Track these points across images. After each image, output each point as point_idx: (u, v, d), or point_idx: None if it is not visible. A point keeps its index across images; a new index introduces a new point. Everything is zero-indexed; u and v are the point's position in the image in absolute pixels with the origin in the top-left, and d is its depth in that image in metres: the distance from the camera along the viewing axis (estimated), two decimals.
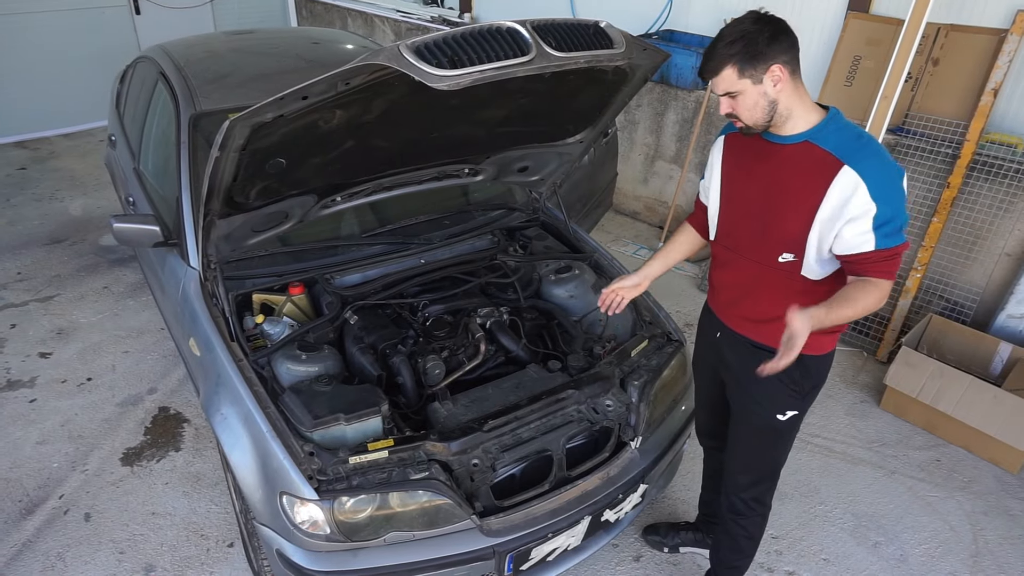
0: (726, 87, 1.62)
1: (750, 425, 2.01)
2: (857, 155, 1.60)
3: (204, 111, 2.69)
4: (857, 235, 1.61)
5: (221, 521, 2.66)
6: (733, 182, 1.85)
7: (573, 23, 1.76)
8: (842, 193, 1.59)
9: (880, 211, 1.58)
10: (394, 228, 2.79)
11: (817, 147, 1.65)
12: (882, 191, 1.58)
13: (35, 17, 5.96)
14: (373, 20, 6.79)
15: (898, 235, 1.62)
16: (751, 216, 1.79)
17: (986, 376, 3.25)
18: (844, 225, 1.61)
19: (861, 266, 1.65)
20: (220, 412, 2.03)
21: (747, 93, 1.62)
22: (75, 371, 3.41)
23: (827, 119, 1.67)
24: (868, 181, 1.57)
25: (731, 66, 1.59)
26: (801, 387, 1.89)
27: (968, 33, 3.41)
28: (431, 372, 2.26)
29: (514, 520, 1.94)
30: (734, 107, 1.66)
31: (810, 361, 1.84)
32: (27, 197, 5.18)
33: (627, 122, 5.04)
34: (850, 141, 1.63)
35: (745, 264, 1.84)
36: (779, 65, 1.58)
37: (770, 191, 1.73)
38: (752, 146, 1.77)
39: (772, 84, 1.60)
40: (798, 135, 1.67)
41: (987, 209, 3.43)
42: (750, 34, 1.57)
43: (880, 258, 1.63)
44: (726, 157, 1.88)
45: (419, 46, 1.55)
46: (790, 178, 1.69)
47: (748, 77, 1.60)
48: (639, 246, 4.88)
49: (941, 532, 2.76)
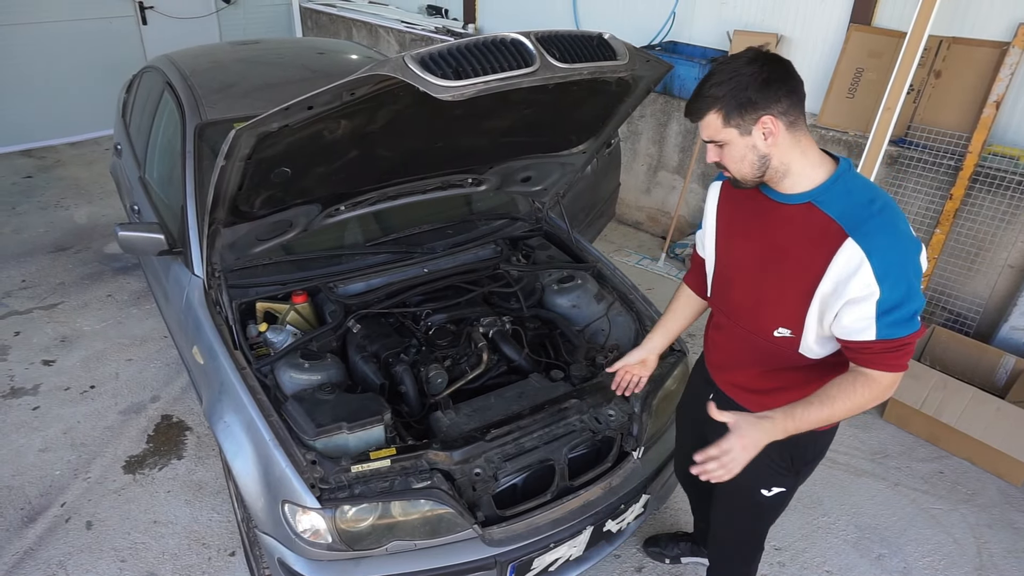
0: (710, 134, 1.43)
1: (730, 496, 1.89)
2: (864, 227, 1.36)
3: (210, 120, 2.71)
4: (857, 320, 1.39)
5: (223, 530, 2.66)
6: (727, 238, 1.67)
7: (577, 35, 1.76)
8: (844, 269, 1.37)
9: (885, 296, 1.35)
10: (398, 237, 2.79)
11: (820, 211, 1.42)
12: (889, 271, 1.34)
13: (42, 27, 6.00)
14: (377, 31, 6.83)
15: (908, 324, 1.38)
16: (744, 282, 1.59)
17: (989, 388, 3.24)
18: (844, 307, 1.40)
19: (860, 356, 1.44)
20: (223, 420, 2.03)
21: (734, 144, 1.42)
22: (78, 379, 3.42)
23: (834, 177, 1.43)
24: (873, 259, 1.34)
25: (715, 111, 1.39)
26: (793, 464, 1.73)
27: (970, 46, 3.43)
28: (434, 381, 2.26)
29: (516, 530, 1.93)
30: (721, 157, 1.47)
31: (806, 439, 1.62)
32: (33, 205, 5.21)
33: (630, 133, 5.06)
34: (858, 208, 1.39)
35: (739, 332, 1.65)
36: (771, 117, 1.37)
37: (766, 256, 1.53)
38: (752, 199, 1.56)
39: (763, 138, 1.39)
40: (799, 195, 1.46)
41: (990, 221, 3.43)
42: (740, 77, 1.35)
43: (882, 349, 1.40)
44: (721, 207, 1.69)
45: (424, 57, 1.56)
46: (788, 245, 1.48)
47: (734, 127, 1.39)
48: (642, 256, 4.88)
49: (945, 545, 2.75)
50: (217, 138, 2.57)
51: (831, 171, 1.45)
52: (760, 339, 1.59)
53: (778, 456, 1.71)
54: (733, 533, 2.00)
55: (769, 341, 1.58)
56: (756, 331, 1.60)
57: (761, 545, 2.00)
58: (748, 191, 1.55)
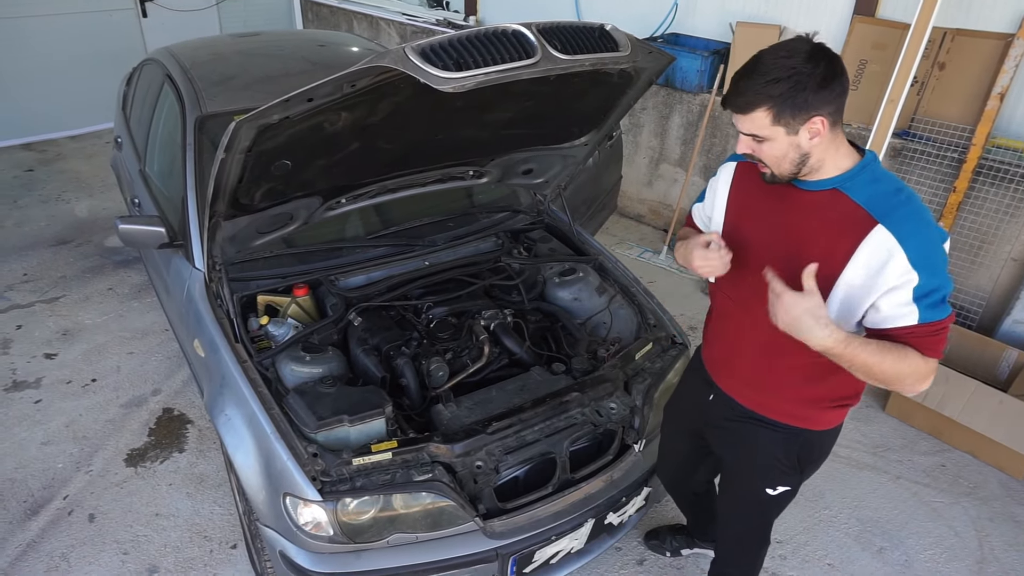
0: (753, 129, 1.38)
1: (735, 495, 1.90)
2: (894, 214, 1.36)
3: (210, 113, 2.70)
4: (897, 307, 1.38)
5: (224, 522, 2.66)
6: (740, 222, 1.63)
7: (578, 26, 1.76)
8: (875, 257, 1.36)
9: (923, 281, 1.35)
10: (399, 230, 2.79)
11: (847, 197, 1.41)
12: (924, 258, 1.35)
13: (42, 20, 5.99)
14: (378, 23, 6.81)
15: (943, 307, 1.39)
16: (760, 267, 1.50)
17: (992, 381, 3.24)
18: (881, 297, 1.39)
19: (904, 340, 1.41)
20: (224, 413, 2.03)
21: (777, 142, 1.38)
22: (80, 372, 3.42)
23: (860, 165, 1.43)
24: (907, 245, 1.34)
25: (766, 108, 1.34)
26: (798, 464, 1.72)
27: (974, 37, 3.41)
28: (435, 374, 2.26)
29: (517, 522, 1.94)
30: (757, 151, 1.43)
31: (813, 437, 1.68)
32: (34, 199, 5.20)
33: (632, 125, 5.04)
34: (886, 196, 1.39)
35: (748, 321, 1.59)
36: (821, 117, 1.34)
37: (786, 243, 1.50)
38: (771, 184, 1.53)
39: (808, 137, 1.36)
40: (825, 181, 1.44)
41: (993, 214, 3.42)
42: (800, 76, 1.30)
43: (926, 332, 1.39)
44: (735, 190, 1.65)
45: (425, 48, 1.55)
46: (812, 231, 1.46)
47: (783, 125, 1.35)
48: (643, 249, 4.87)
49: (946, 538, 2.75)
50: (217, 130, 2.56)
51: (856, 160, 1.45)
52: (770, 327, 1.48)
53: (784, 456, 1.71)
54: (739, 529, 2.00)
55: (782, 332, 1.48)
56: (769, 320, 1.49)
57: (767, 539, 2.00)
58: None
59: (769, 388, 1.64)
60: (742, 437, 1.77)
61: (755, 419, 1.72)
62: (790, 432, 1.69)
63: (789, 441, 1.67)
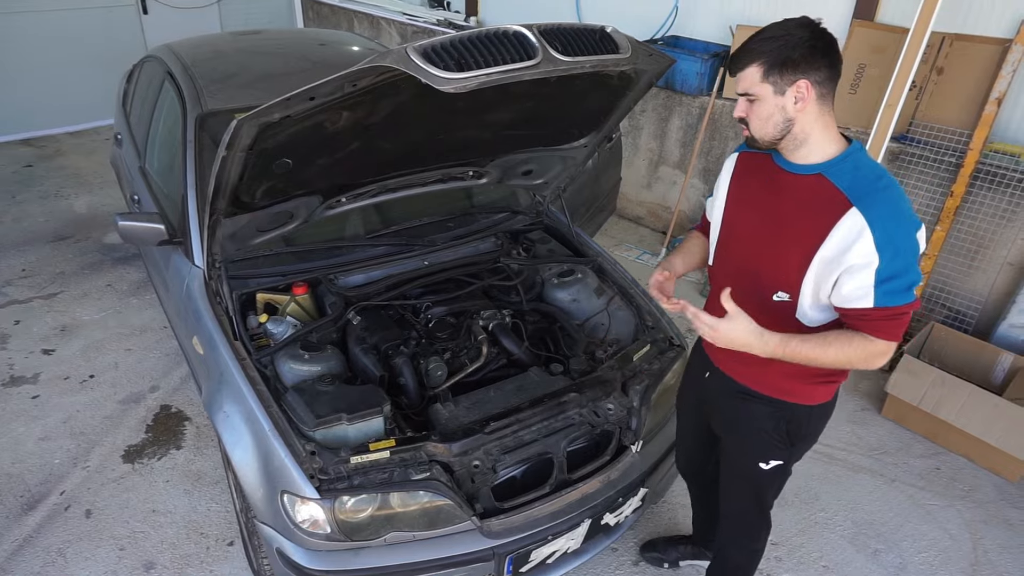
0: (745, 86, 1.49)
1: (733, 469, 1.95)
2: (869, 198, 1.44)
3: (210, 111, 2.71)
4: (855, 288, 1.46)
5: (221, 520, 2.66)
6: (737, 206, 1.73)
7: (579, 28, 1.76)
8: (845, 237, 1.44)
9: (884, 265, 1.42)
10: (398, 230, 2.79)
11: (829, 182, 1.49)
12: (889, 242, 1.41)
13: (43, 16, 5.99)
14: (379, 22, 6.81)
15: (904, 294, 1.44)
16: (749, 247, 1.65)
17: (987, 385, 3.25)
18: (843, 274, 1.47)
19: (858, 323, 1.50)
20: (222, 410, 2.04)
21: (765, 101, 1.47)
22: (78, 368, 3.42)
23: (846, 153, 1.51)
24: (875, 228, 1.41)
25: (757, 64, 1.45)
26: (789, 438, 1.79)
27: (972, 43, 3.42)
28: (433, 373, 2.27)
29: (514, 522, 1.94)
30: (747, 113, 1.52)
31: (800, 412, 1.75)
32: (33, 194, 5.20)
33: (631, 127, 5.05)
34: (866, 182, 1.47)
35: (739, 298, 1.61)
36: (807, 82, 1.43)
37: (772, 222, 1.60)
38: (764, 170, 1.63)
39: (793, 101, 1.45)
40: (811, 166, 1.53)
41: (990, 218, 3.43)
42: (790, 37, 1.42)
43: (880, 317, 1.47)
44: (736, 177, 1.75)
45: (426, 48, 1.55)
46: (794, 212, 1.55)
47: (770, 83, 1.45)
48: (642, 251, 4.89)
49: (941, 541, 2.76)
50: (218, 128, 2.57)
51: (843, 149, 1.52)
52: (759, 305, 1.61)
53: (774, 430, 1.78)
54: (739, 507, 2.03)
55: (768, 306, 1.62)
56: (756, 295, 1.63)
57: (767, 521, 2.04)
58: (763, 163, 1.62)
59: (759, 362, 1.66)
60: (736, 411, 1.84)
61: (747, 394, 1.79)
62: (780, 406, 1.76)
63: (779, 415, 1.75)
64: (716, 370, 1.88)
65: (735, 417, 1.86)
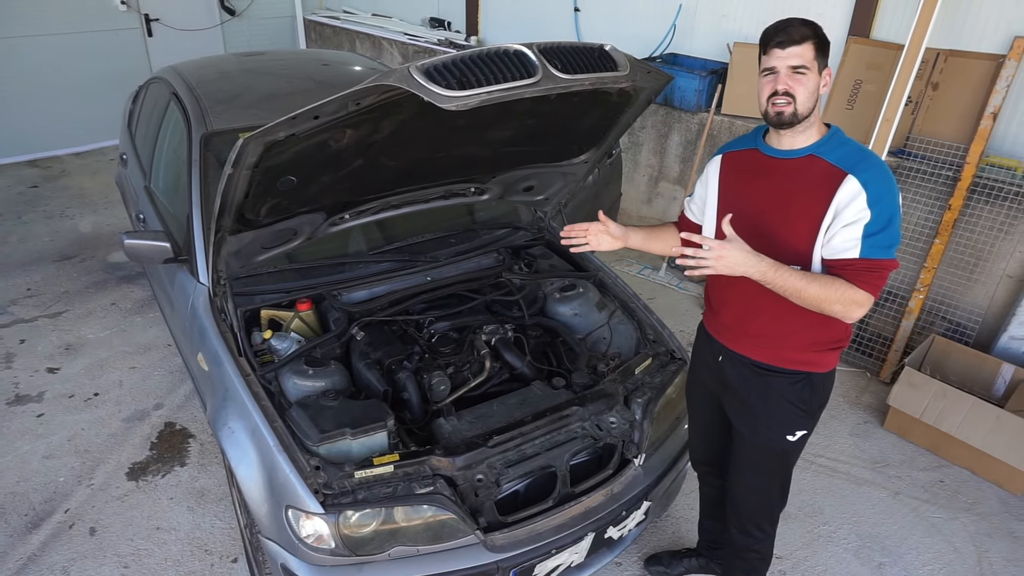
0: (801, 60, 1.62)
1: (759, 447, 1.97)
2: (861, 165, 1.63)
3: (215, 130, 2.74)
4: (845, 240, 1.63)
5: (225, 536, 2.67)
6: (734, 198, 1.84)
7: (579, 46, 1.79)
8: (843, 199, 1.62)
9: (873, 219, 1.60)
10: (401, 246, 2.82)
11: (822, 160, 1.68)
12: (879, 201, 1.60)
13: (49, 39, 6.07)
14: (381, 43, 6.89)
15: (887, 250, 1.62)
16: (755, 231, 1.73)
17: (989, 397, 3.25)
18: (838, 230, 1.63)
19: (843, 272, 1.65)
20: (227, 426, 2.05)
21: (811, 77, 1.64)
22: (82, 386, 3.43)
23: (829, 135, 1.72)
24: (868, 189, 1.60)
25: (811, 42, 1.62)
26: (809, 406, 1.89)
27: (967, 58, 3.46)
28: (436, 388, 2.28)
29: (518, 536, 1.95)
30: (793, 86, 1.64)
31: (817, 379, 1.86)
32: (38, 214, 5.24)
33: (631, 143, 5.10)
34: (854, 154, 1.67)
35: (757, 287, 1.73)
36: (829, 71, 1.67)
37: (776, 204, 1.74)
38: (751, 163, 1.81)
39: (823, 84, 1.66)
40: (801, 149, 1.72)
41: (988, 231, 3.46)
42: (819, 28, 1.64)
43: (864, 267, 1.63)
44: (724, 176, 1.89)
45: (429, 67, 1.59)
46: (796, 191, 1.71)
47: (818, 62, 1.64)
48: (643, 266, 4.91)
49: (945, 553, 2.75)
50: (222, 147, 2.61)
51: (825, 132, 1.73)
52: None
53: (798, 400, 1.87)
54: (761, 490, 2.05)
55: None
56: None
57: (786, 492, 2.09)
58: (749, 157, 1.81)
59: (780, 341, 1.83)
60: (757, 388, 1.90)
61: (767, 370, 1.88)
62: (798, 377, 1.85)
63: (799, 385, 1.85)
64: (730, 352, 1.95)
65: (757, 394, 1.91)
